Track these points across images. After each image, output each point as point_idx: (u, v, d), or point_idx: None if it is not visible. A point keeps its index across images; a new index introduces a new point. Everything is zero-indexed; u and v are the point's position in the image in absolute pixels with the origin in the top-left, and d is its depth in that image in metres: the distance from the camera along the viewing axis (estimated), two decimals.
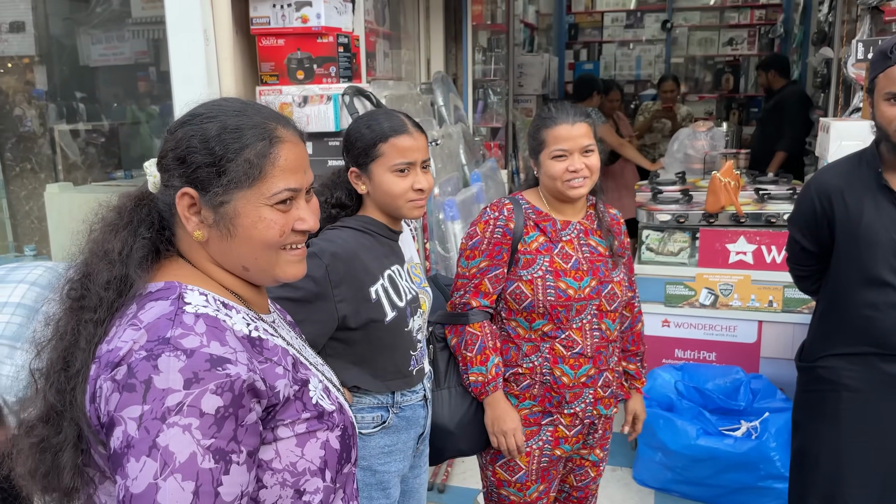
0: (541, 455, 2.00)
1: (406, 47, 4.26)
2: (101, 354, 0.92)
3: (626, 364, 2.16)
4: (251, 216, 0.99)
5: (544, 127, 1.95)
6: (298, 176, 1.03)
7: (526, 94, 6.13)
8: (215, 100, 1.05)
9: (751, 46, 8.04)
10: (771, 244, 3.13)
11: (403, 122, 1.72)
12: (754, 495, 2.88)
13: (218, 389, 0.87)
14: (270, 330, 1.06)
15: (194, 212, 1.00)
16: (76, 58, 5.14)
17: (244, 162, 0.98)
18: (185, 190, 0.98)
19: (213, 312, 0.96)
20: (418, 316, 1.81)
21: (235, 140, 0.98)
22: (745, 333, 3.22)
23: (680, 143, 4.66)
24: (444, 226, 3.27)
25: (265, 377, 0.95)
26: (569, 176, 1.91)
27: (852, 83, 3.68)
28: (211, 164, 0.98)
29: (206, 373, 0.87)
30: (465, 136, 4.19)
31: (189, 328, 0.91)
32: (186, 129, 1.00)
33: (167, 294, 0.96)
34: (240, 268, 1.04)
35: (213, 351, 0.89)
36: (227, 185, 0.97)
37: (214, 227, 0.99)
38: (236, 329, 0.97)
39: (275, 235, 1.01)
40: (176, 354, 0.87)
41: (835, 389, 2.07)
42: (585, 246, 1.98)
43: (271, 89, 2.86)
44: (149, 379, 0.86)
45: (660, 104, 6.17)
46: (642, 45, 8.43)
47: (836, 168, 2.11)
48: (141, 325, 0.91)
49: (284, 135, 1.02)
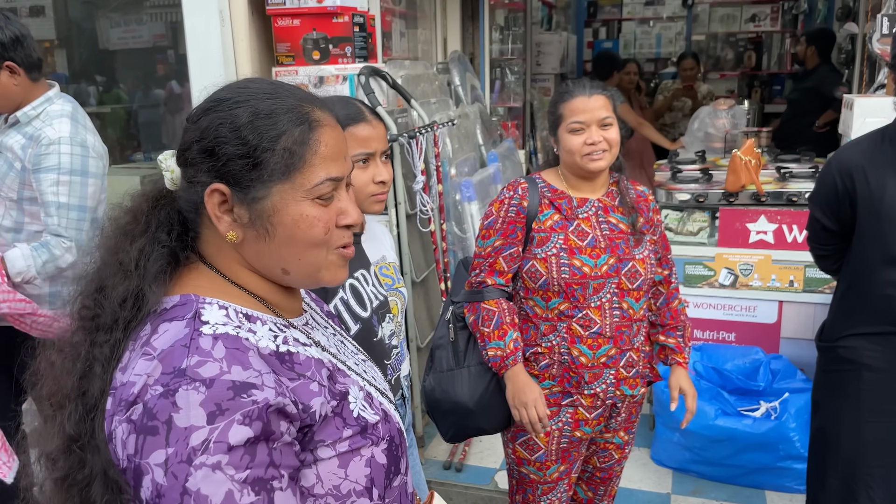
0: (560, 436, 2.00)
1: (422, 27, 4.23)
2: (116, 386, 0.83)
3: (665, 338, 2.09)
4: (291, 213, 0.89)
5: (561, 101, 1.95)
6: (339, 164, 0.92)
7: (544, 73, 6.06)
8: (239, 82, 0.93)
9: (774, 23, 7.89)
10: (792, 223, 3.09)
11: (360, 110, 1.62)
12: (773, 475, 2.86)
13: (245, 419, 0.78)
14: (302, 338, 0.96)
15: (226, 210, 0.89)
16: (95, 41, 5.18)
17: (282, 151, 0.87)
18: (215, 186, 0.88)
19: (234, 331, 0.86)
20: (388, 321, 1.72)
21: (271, 126, 0.88)
22: (765, 314, 3.19)
23: (700, 122, 4.60)
24: (461, 207, 3.26)
25: (297, 397, 0.86)
26: (587, 149, 1.90)
27: (877, 59, 3.60)
28: (244, 155, 0.87)
29: (230, 402, 0.78)
30: (481, 116, 4.16)
31: (206, 354, 0.82)
32: (212, 116, 0.89)
33: (183, 312, 0.87)
34: (278, 271, 0.93)
35: (234, 377, 0.80)
36: (264, 178, 0.87)
37: (250, 227, 0.89)
38: (261, 346, 0.87)
39: (319, 234, 0.90)
40: (195, 387, 0.78)
41: (855, 369, 2.05)
42: (605, 223, 1.96)
43: (287, 70, 2.86)
44: (169, 419, 0.77)
45: (680, 83, 6.09)
46: (663, 22, 8.30)
47: (858, 145, 2.07)
48: (154, 353, 0.82)
49: (322, 118, 0.91)
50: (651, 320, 2.11)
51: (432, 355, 2.09)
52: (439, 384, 2.04)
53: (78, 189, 2.27)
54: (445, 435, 2.10)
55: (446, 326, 2.10)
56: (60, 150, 2.25)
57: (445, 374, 2.04)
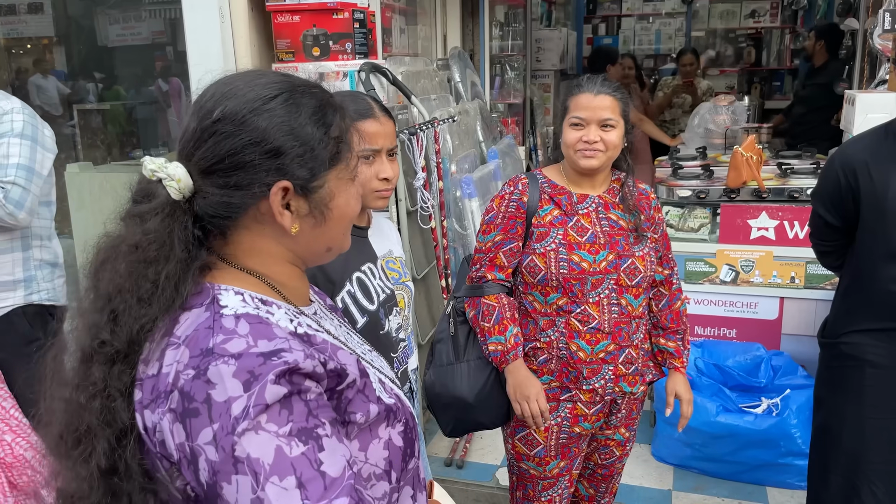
0: (559, 431, 2.00)
1: (422, 23, 4.21)
2: (143, 378, 0.84)
3: (665, 342, 2.09)
4: (343, 195, 0.95)
5: (570, 94, 1.96)
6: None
7: (544, 69, 6.05)
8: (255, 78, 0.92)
9: (773, 19, 7.88)
10: (793, 219, 3.09)
11: (370, 106, 1.62)
12: (774, 472, 2.86)
13: (278, 379, 0.79)
14: (314, 325, 0.97)
15: (284, 205, 0.91)
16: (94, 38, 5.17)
17: (334, 140, 0.93)
18: (281, 184, 0.88)
19: (254, 311, 0.87)
20: (395, 315, 1.72)
21: (323, 120, 0.92)
22: (766, 310, 3.18)
23: (701, 118, 4.59)
24: (462, 203, 3.25)
25: (325, 361, 0.87)
26: (581, 146, 1.90)
27: (878, 54, 3.59)
28: (306, 151, 0.90)
29: (262, 367, 0.79)
30: (482, 113, 4.15)
31: (231, 332, 0.83)
32: (266, 117, 0.88)
33: (200, 300, 0.88)
34: (323, 250, 0.99)
35: (262, 349, 0.81)
36: (321, 168, 0.91)
37: (308, 216, 0.93)
38: (281, 325, 0.88)
39: (358, 207, 1.00)
40: (224, 360, 0.80)
41: (858, 366, 2.04)
42: (605, 220, 1.96)
43: (287, 66, 2.84)
44: (207, 397, 0.78)
45: (679, 79, 6.08)
46: (662, 18, 8.29)
47: (862, 141, 2.07)
48: (180, 341, 0.83)
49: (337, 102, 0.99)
50: (652, 322, 2.10)
51: (432, 349, 2.10)
52: (439, 378, 2.04)
53: (28, 152, 2.33)
54: (445, 429, 2.11)
55: (447, 320, 2.10)
56: (13, 118, 2.34)
57: (445, 368, 2.04)
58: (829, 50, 5.38)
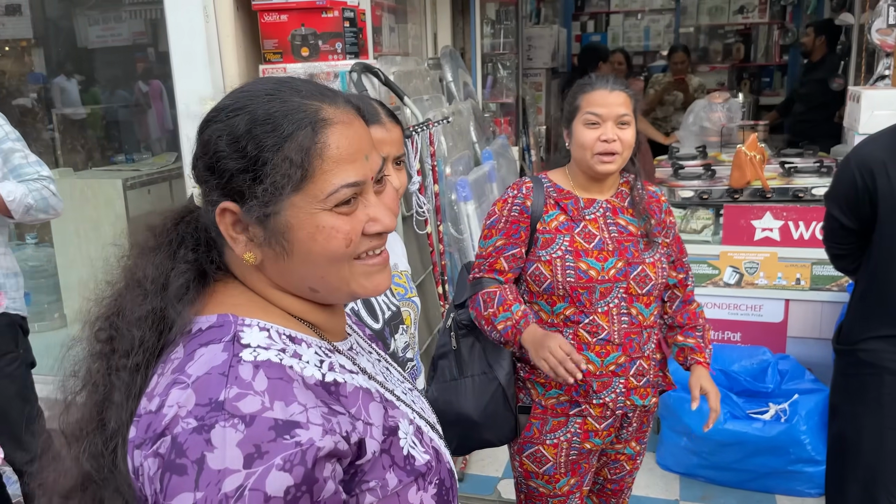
0: (569, 448, 1.91)
1: (412, 21, 4.12)
2: (142, 414, 0.75)
3: (685, 338, 2.00)
4: (307, 226, 0.79)
5: (581, 92, 1.87)
6: (358, 165, 0.81)
7: (535, 67, 5.97)
8: (245, 84, 0.84)
9: (762, 14, 7.84)
10: (798, 220, 3.02)
11: (376, 111, 1.50)
12: (784, 479, 2.80)
13: (286, 464, 0.69)
14: (349, 364, 0.88)
15: (241, 229, 0.81)
16: (74, 40, 5.04)
17: (284, 161, 0.77)
18: (224, 205, 0.79)
19: (277, 357, 0.78)
20: (401, 333, 1.63)
21: (269, 133, 0.78)
22: (771, 312, 3.11)
23: (695, 116, 4.52)
24: (457, 207, 3.16)
25: (348, 434, 0.77)
26: (601, 147, 1.81)
27: (877, 49, 3.53)
28: (245, 169, 0.78)
29: (271, 444, 0.69)
30: (475, 113, 4.06)
31: (247, 385, 0.73)
32: (212, 128, 0.80)
33: (220, 335, 0.78)
34: (306, 290, 0.85)
35: (277, 415, 0.71)
36: (272, 192, 0.78)
37: (267, 246, 0.80)
38: (307, 375, 0.78)
39: (340, 246, 0.80)
40: (233, 423, 0.70)
41: (877, 373, 1.98)
42: (613, 225, 1.88)
43: (275, 67, 2.74)
44: (201, 458, 0.69)
45: (671, 76, 6.03)
46: (651, 14, 8.23)
47: (878, 140, 2.00)
48: (189, 381, 0.74)
49: (332, 115, 0.81)
50: (668, 323, 2.03)
51: (434, 365, 2.00)
52: (442, 394, 1.95)
53: (29, 150, 2.43)
54: (448, 447, 2.00)
55: (448, 334, 2.00)
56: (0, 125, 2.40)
57: (449, 385, 1.95)
58: (829, 44, 5.33)
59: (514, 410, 1.94)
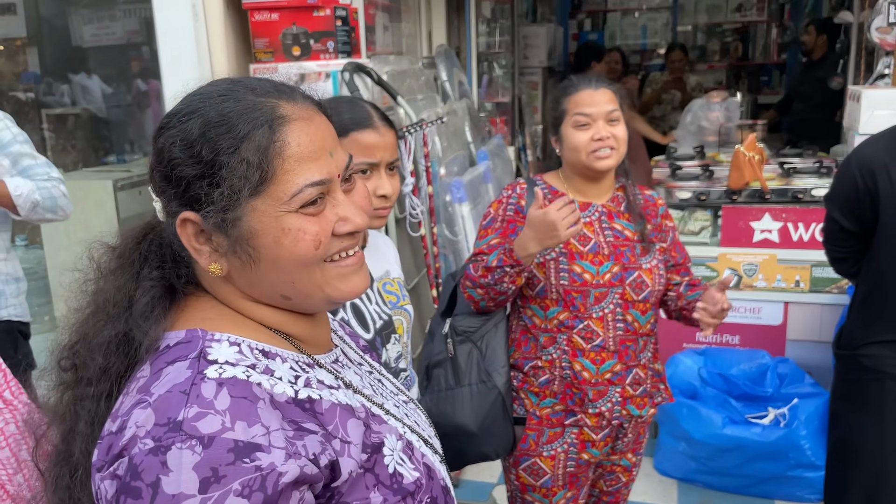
0: (566, 459, 1.86)
1: (406, 20, 4.06)
2: (105, 435, 0.72)
3: (694, 291, 1.88)
4: (272, 231, 0.75)
5: (565, 95, 1.83)
6: (322, 163, 0.76)
7: (531, 66, 5.92)
8: (198, 87, 0.80)
9: (760, 13, 7.81)
10: (798, 221, 2.98)
11: (368, 115, 1.45)
12: (783, 485, 2.76)
13: (244, 490, 0.66)
14: (329, 379, 0.83)
15: (204, 240, 0.77)
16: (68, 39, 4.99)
17: (242, 163, 0.73)
18: (184, 215, 0.75)
19: (244, 374, 0.73)
20: (393, 343, 1.58)
21: (224, 135, 0.74)
22: (770, 315, 3.07)
23: (693, 115, 4.47)
24: (452, 208, 3.11)
25: (316, 457, 0.73)
26: (594, 146, 1.77)
27: (876, 48, 3.49)
28: (201, 175, 0.74)
29: (229, 468, 0.66)
30: (470, 113, 4.01)
31: (208, 404, 0.69)
32: (166, 135, 0.76)
33: (187, 351, 0.74)
34: (279, 298, 0.80)
35: (238, 436, 0.68)
36: (228, 197, 0.73)
37: (232, 255, 0.76)
38: (277, 392, 0.74)
39: (308, 249, 0.76)
40: (190, 445, 0.66)
41: (878, 379, 1.94)
42: (609, 230, 1.84)
43: (266, 67, 2.69)
44: (156, 481, 0.65)
45: (668, 75, 5.98)
46: (648, 13, 8.19)
47: (880, 141, 1.96)
48: (150, 401, 0.70)
49: (290, 112, 0.76)
50: (673, 295, 1.91)
51: (429, 374, 1.93)
52: (437, 405, 1.87)
53: (36, 152, 2.40)
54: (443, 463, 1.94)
55: (444, 341, 1.94)
56: (7, 125, 2.35)
57: (445, 394, 1.87)
58: (829, 42, 5.29)
59: (512, 421, 1.88)
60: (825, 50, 5.29)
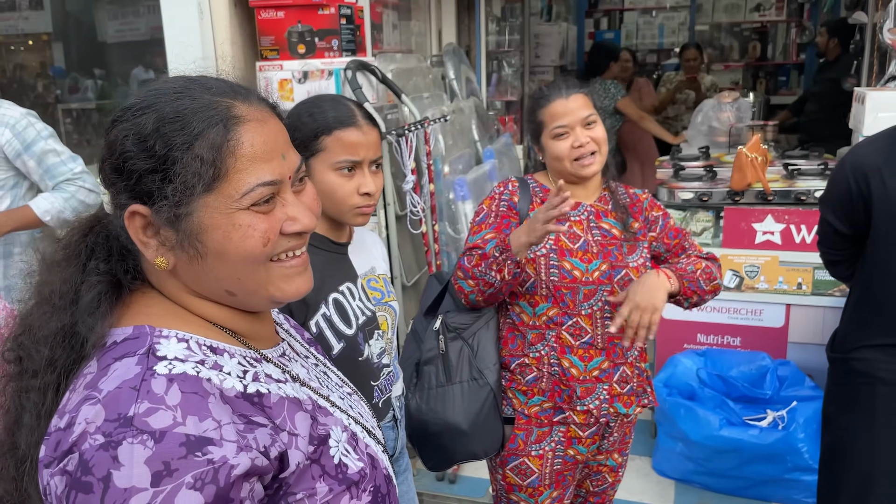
0: (554, 457, 1.87)
1: (416, 18, 4.09)
2: (52, 431, 0.72)
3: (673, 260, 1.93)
4: (222, 226, 0.76)
5: (539, 107, 1.84)
6: (274, 164, 0.78)
7: (543, 65, 5.92)
8: (152, 83, 0.81)
9: (779, 12, 7.73)
10: (800, 223, 2.96)
11: (352, 113, 1.47)
12: (781, 487, 2.74)
13: (196, 483, 0.67)
14: (277, 373, 0.85)
15: (152, 233, 0.78)
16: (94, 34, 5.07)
17: (195, 159, 0.74)
18: (133, 208, 0.77)
19: (194, 370, 0.75)
20: (376, 339, 1.59)
21: (179, 131, 0.75)
22: (771, 317, 3.05)
23: (704, 115, 4.45)
24: (455, 206, 3.13)
25: (266, 449, 0.74)
26: (576, 153, 1.79)
27: (888, 50, 3.46)
28: (153, 169, 0.75)
29: (181, 461, 0.67)
30: (477, 111, 4.03)
31: (159, 400, 0.70)
32: (119, 128, 0.77)
33: (135, 347, 0.75)
34: (223, 294, 0.82)
35: (189, 430, 0.69)
36: (180, 193, 0.75)
37: (180, 249, 0.78)
38: (226, 388, 0.75)
39: (256, 245, 0.78)
40: (141, 440, 0.67)
41: (870, 383, 1.93)
42: (596, 229, 1.86)
43: (272, 64, 2.73)
44: (107, 475, 0.66)
45: (682, 74, 5.94)
46: (666, 12, 8.13)
47: (874, 143, 1.95)
48: (99, 397, 0.71)
49: (245, 112, 0.78)
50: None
51: (418, 371, 1.93)
52: (427, 402, 1.85)
53: (61, 145, 2.44)
54: (428, 462, 1.92)
55: (435, 338, 1.94)
56: (31, 122, 2.39)
57: (435, 392, 1.85)
58: (843, 44, 5.22)
59: (502, 420, 1.88)
60: (839, 51, 5.22)
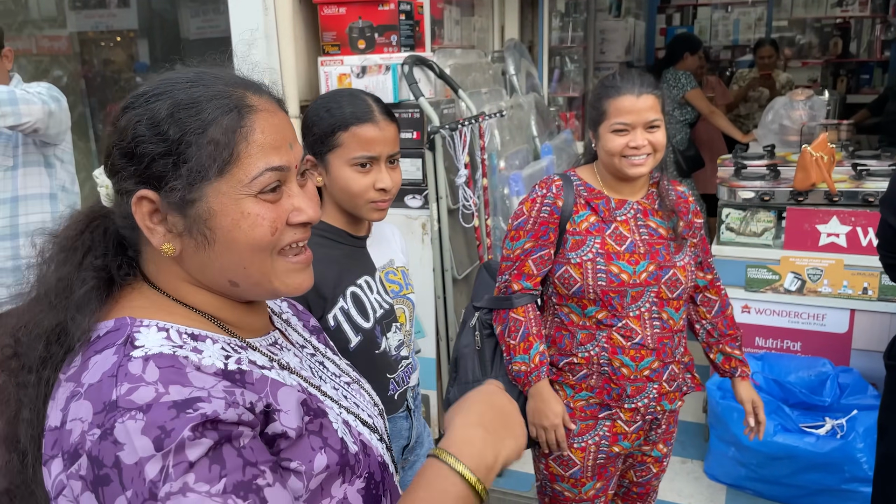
0: (597, 451, 1.87)
1: (479, 14, 4.10)
2: (50, 427, 0.74)
3: (731, 349, 2.00)
4: (231, 213, 0.78)
5: (606, 96, 1.78)
6: (283, 151, 0.80)
7: (608, 61, 5.83)
8: (163, 73, 0.83)
9: (863, 7, 7.38)
10: (868, 225, 2.84)
11: (369, 108, 1.48)
12: (837, 498, 2.65)
13: (195, 433, 0.68)
14: (262, 360, 0.85)
15: (158, 220, 0.79)
16: (177, 31, 5.27)
17: (209, 143, 0.76)
18: (141, 193, 0.77)
19: (171, 350, 0.76)
20: (394, 332, 1.60)
21: (193, 116, 0.77)
22: (835, 322, 2.95)
23: (775, 113, 4.31)
24: (509, 201, 3.14)
25: (253, 405, 0.75)
26: (629, 152, 1.76)
27: None
28: (167, 153, 0.76)
29: (175, 421, 0.68)
30: (537, 107, 4.01)
31: (137, 379, 0.71)
32: (130, 114, 0.79)
33: (114, 339, 0.76)
34: (226, 283, 0.83)
35: (175, 397, 0.70)
36: (194, 177, 0.76)
37: (187, 236, 0.79)
38: (205, 364, 0.76)
39: (265, 234, 0.79)
40: (131, 415, 0.68)
41: None
42: (644, 227, 1.83)
43: (332, 59, 2.80)
44: (116, 460, 0.67)
45: (756, 71, 5.75)
46: (742, 7, 7.88)
47: None
48: (83, 391, 0.72)
49: (257, 102, 0.81)
50: (707, 329, 2.00)
51: (456, 365, 1.98)
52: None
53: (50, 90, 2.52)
54: None
55: (472, 334, 1.98)
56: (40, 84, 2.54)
57: (471, 385, 1.88)
58: None
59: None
60: None
